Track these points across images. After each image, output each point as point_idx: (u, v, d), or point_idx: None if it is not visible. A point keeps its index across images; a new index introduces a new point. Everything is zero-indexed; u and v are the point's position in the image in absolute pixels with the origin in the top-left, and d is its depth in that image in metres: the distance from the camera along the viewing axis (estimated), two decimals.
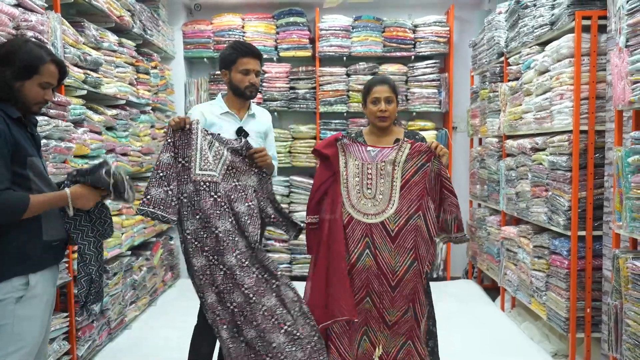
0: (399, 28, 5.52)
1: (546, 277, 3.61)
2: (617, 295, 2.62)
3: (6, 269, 1.95)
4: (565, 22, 3.34)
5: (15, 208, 1.89)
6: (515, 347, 3.79)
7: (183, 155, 2.42)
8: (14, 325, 1.95)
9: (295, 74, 5.59)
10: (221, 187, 2.44)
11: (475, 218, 5.36)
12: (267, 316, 2.44)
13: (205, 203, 2.40)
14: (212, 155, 2.46)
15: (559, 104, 3.42)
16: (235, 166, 2.51)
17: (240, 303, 2.43)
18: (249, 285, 2.44)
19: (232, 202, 2.47)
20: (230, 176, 2.51)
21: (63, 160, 3.03)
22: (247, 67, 2.68)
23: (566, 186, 3.35)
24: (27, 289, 1.98)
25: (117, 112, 3.99)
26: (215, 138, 2.49)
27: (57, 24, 2.99)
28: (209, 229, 2.40)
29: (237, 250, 2.43)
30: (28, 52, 1.99)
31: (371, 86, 2.71)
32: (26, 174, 1.97)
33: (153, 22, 4.89)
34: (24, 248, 1.98)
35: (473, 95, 5.50)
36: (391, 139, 2.72)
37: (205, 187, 2.41)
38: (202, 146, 2.43)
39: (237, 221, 2.46)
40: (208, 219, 2.40)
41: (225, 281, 2.43)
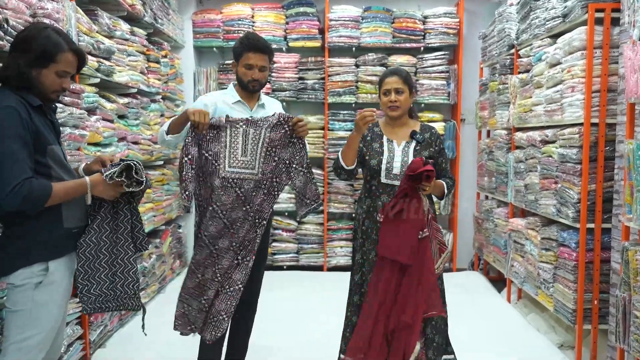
0: (409, 19, 5.51)
1: (554, 269, 3.63)
2: (625, 287, 2.64)
3: (27, 255, 1.97)
4: (578, 15, 3.33)
5: (39, 196, 1.91)
6: (521, 338, 3.82)
7: (207, 149, 2.49)
8: (32, 311, 1.97)
9: (304, 64, 5.60)
10: (245, 183, 2.51)
11: (482, 210, 5.37)
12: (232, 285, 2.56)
13: (227, 198, 2.50)
14: (250, 145, 2.51)
15: (570, 97, 3.42)
16: (275, 144, 2.54)
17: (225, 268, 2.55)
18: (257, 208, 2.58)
19: (270, 182, 2.54)
20: (271, 155, 2.55)
21: (77, 148, 3.06)
22: (250, 62, 2.70)
23: (576, 179, 3.36)
24: (46, 275, 2.00)
25: (129, 100, 4.01)
26: (249, 125, 2.52)
27: (72, 12, 3.01)
28: (219, 219, 2.51)
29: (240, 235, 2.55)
30: (45, 40, 1.97)
31: (383, 78, 2.77)
32: (47, 162, 1.99)
33: (163, 11, 4.90)
34: (45, 235, 2.00)
35: (482, 87, 5.49)
36: (407, 131, 2.75)
37: (232, 183, 2.51)
38: (231, 143, 2.50)
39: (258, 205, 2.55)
40: (223, 211, 2.51)
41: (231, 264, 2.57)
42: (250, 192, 2.53)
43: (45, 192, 1.92)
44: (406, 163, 2.66)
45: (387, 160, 2.69)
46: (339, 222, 5.70)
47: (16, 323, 1.97)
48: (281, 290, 4.79)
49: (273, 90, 5.57)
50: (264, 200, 2.56)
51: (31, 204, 1.91)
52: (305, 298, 4.74)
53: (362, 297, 2.73)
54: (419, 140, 2.70)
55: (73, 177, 2.11)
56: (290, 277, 5.40)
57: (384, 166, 2.69)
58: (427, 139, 2.73)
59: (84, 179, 2.07)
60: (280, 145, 2.54)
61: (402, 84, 2.72)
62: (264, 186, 2.55)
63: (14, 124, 1.87)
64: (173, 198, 5.10)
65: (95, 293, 2.21)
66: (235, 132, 2.50)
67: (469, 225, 5.79)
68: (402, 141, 2.73)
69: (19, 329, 1.97)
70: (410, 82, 2.76)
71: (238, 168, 2.51)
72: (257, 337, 3.03)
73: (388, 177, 2.69)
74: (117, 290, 2.23)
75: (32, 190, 1.88)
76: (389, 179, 2.69)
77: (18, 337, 1.97)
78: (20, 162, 1.87)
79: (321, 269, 5.65)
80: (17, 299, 1.97)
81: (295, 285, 5.09)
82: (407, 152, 2.70)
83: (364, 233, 2.76)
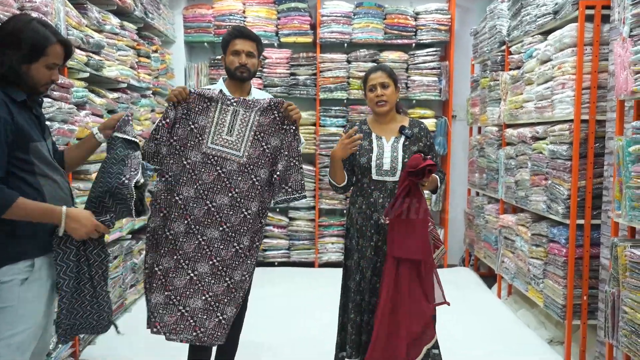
0: (400, 15, 5.51)
1: (544, 264, 3.65)
2: (614, 282, 2.66)
3: (13, 251, 1.95)
4: (569, 12, 3.34)
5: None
6: (511, 334, 3.85)
7: (194, 120, 2.40)
8: (18, 307, 1.95)
9: (296, 60, 5.58)
10: (228, 164, 2.41)
11: (473, 206, 5.39)
12: (231, 288, 2.44)
13: (208, 176, 2.41)
14: (238, 125, 2.43)
15: (561, 93, 3.43)
16: (264, 129, 2.45)
17: (202, 273, 2.42)
18: (223, 258, 2.43)
19: (258, 169, 2.44)
20: (259, 140, 2.45)
21: (66, 143, 3.03)
22: (236, 47, 2.65)
23: (566, 175, 3.37)
24: (32, 271, 1.98)
25: (119, 95, 3.98)
26: (240, 104, 2.44)
27: (61, 5, 2.98)
28: (202, 200, 2.40)
29: (227, 224, 2.42)
30: (34, 33, 1.93)
31: (367, 75, 2.77)
32: (29, 159, 1.94)
33: (154, 5, 4.86)
34: (31, 231, 1.97)
35: (473, 83, 5.50)
36: (395, 127, 2.74)
37: (214, 160, 2.42)
38: (218, 120, 2.42)
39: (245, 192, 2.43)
40: (206, 192, 2.41)
41: (196, 250, 2.42)
42: (234, 175, 2.43)
43: (3, 202, 1.84)
44: (396, 158, 2.65)
45: (377, 156, 2.68)
46: (330, 219, 5.70)
47: (3, 320, 1.95)
48: (272, 287, 4.78)
49: (264, 86, 5.55)
50: (252, 196, 2.44)
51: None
52: (297, 294, 4.74)
53: (363, 296, 2.69)
54: (408, 135, 2.69)
55: (59, 174, 2.08)
56: (282, 273, 5.39)
57: (374, 163, 2.67)
58: (416, 134, 2.72)
59: (60, 208, 1.97)
60: (269, 131, 2.46)
61: (387, 77, 2.72)
62: (249, 171, 2.43)
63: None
64: None
65: (70, 323, 2.14)
66: (225, 109, 2.42)
67: (459, 222, 5.81)
68: (391, 137, 2.72)
69: (7, 326, 1.95)
70: (395, 77, 2.76)
71: (221, 146, 2.41)
72: (247, 334, 3.02)
73: (379, 174, 2.68)
74: (91, 321, 2.18)
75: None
76: (380, 175, 2.67)
77: (6, 334, 1.94)
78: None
79: (312, 265, 5.65)
80: (2, 295, 1.95)
81: (286, 282, 5.09)
82: (396, 148, 2.69)
83: (359, 231, 2.73)
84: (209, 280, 2.43)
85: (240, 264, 2.45)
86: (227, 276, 2.44)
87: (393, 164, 2.65)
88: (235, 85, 2.74)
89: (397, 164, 2.65)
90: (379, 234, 2.67)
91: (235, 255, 2.44)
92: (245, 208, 2.44)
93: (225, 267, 2.43)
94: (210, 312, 2.43)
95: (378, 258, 2.68)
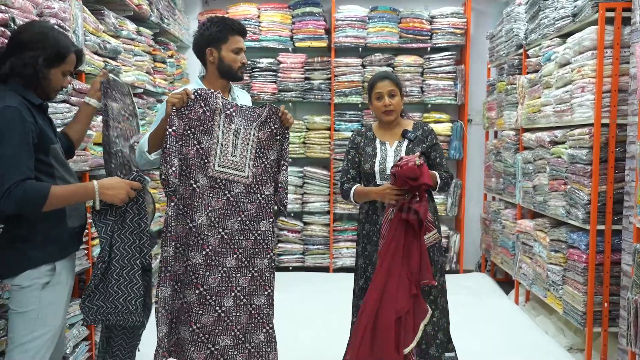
0: (416, 19, 5.48)
1: (563, 270, 3.60)
2: (636, 289, 2.61)
3: (34, 256, 1.96)
4: (589, 14, 3.30)
5: (35, 198, 1.85)
6: (530, 341, 3.79)
7: (199, 140, 2.24)
8: (39, 311, 1.97)
9: (311, 64, 5.58)
10: (235, 186, 2.29)
11: (489, 211, 5.34)
12: (253, 314, 2.37)
13: (217, 202, 2.28)
14: (240, 145, 2.30)
15: (580, 97, 3.39)
16: (263, 145, 2.34)
17: (228, 308, 2.32)
18: (243, 286, 2.34)
19: (262, 186, 2.34)
20: (259, 157, 2.34)
21: (83, 148, 3.05)
22: (240, 45, 2.47)
23: (586, 180, 3.32)
24: (54, 275, 1.99)
25: (135, 100, 3.99)
26: (239, 118, 2.28)
27: (79, 11, 3.00)
28: (215, 228, 2.28)
29: (239, 249, 2.33)
30: (57, 40, 2.00)
31: (374, 83, 2.76)
32: (50, 162, 1.97)
33: (170, 10, 4.89)
34: (50, 235, 1.99)
35: (489, 87, 5.46)
36: (399, 131, 2.77)
37: (222, 184, 2.29)
38: (223, 140, 2.28)
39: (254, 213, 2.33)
40: (217, 219, 2.28)
41: (221, 284, 2.30)
42: (241, 198, 2.31)
43: (41, 194, 1.86)
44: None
45: (380, 161, 2.71)
46: (344, 223, 5.67)
47: (22, 324, 1.96)
48: (287, 291, 4.76)
49: (279, 91, 5.56)
50: (261, 216, 2.34)
51: (27, 207, 1.85)
52: (311, 299, 4.72)
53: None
54: (411, 138, 2.71)
55: (74, 178, 2.10)
56: (296, 278, 5.37)
57: (377, 168, 2.71)
58: (418, 136, 2.73)
59: (91, 183, 2.02)
60: (267, 146, 2.34)
61: (395, 86, 2.73)
62: (255, 191, 2.33)
63: (15, 124, 1.84)
64: None
65: (97, 304, 2.17)
66: (228, 128, 2.28)
67: (476, 227, 5.75)
68: (395, 141, 2.75)
69: (25, 330, 1.96)
70: (400, 84, 2.77)
71: (227, 168, 2.29)
72: None
73: (383, 178, 2.70)
74: (118, 304, 2.18)
75: (27, 192, 1.82)
76: (384, 180, 2.69)
77: (24, 339, 1.95)
78: (18, 163, 1.83)
79: (327, 270, 5.63)
80: (23, 300, 1.96)
81: (301, 286, 5.07)
82: (399, 151, 2.71)
83: (365, 237, 2.77)
84: (235, 313, 2.33)
85: (259, 288, 2.37)
86: (249, 304, 2.36)
87: None
88: (219, 83, 2.53)
89: None
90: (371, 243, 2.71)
91: (252, 279, 2.36)
92: (255, 230, 2.35)
93: (246, 295, 2.34)
94: (240, 346, 2.35)
95: None
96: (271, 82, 5.55)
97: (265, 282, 2.38)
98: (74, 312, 2.92)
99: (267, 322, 2.40)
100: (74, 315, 2.92)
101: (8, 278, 1.97)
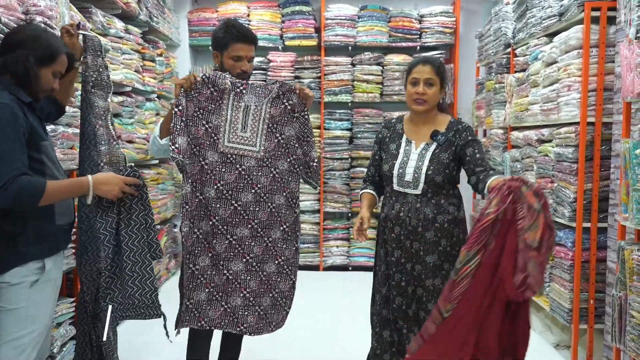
0: (405, 18, 5.51)
1: (550, 268, 3.62)
2: (621, 286, 2.64)
3: (24, 252, 1.96)
4: (574, 13, 3.32)
5: (31, 193, 1.88)
6: None
7: (208, 119, 2.39)
8: (28, 309, 1.96)
9: (300, 63, 5.58)
10: (246, 160, 2.43)
11: (478, 209, 5.36)
12: (263, 281, 2.51)
13: (230, 176, 2.42)
14: (250, 120, 2.42)
15: (567, 96, 3.41)
16: (276, 120, 2.45)
17: (237, 271, 2.48)
18: (256, 254, 2.49)
19: (276, 161, 2.45)
20: (272, 132, 2.45)
21: (70, 146, 3.03)
22: (239, 53, 2.52)
23: (572, 178, 3.35)
24: (43, 273, 1.99)
25: (123, 99, 3.99)
26: (249, 94, 2.40)
27: (65, 9, 2.99)
28: (227, 200, 2.42)
29: (254, 220, 2.46)
30: (49, 40, 2.02)
31: (412, 66, 2.47)
32: (41, 159, 1.98)
33: (159, 9, 4.87)
34: (39, 232, 1.99)
35: (478, 86, 5.48)
36: (430, 129, 2.45)
37: (232, 159, 2.43)
38: (232, 117, 2.41)
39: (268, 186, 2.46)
40: (230, 192, 2.42)
41: (228, 249, 2.46)
42: (254, 171, 2.44)
43: (37, 189, 1.89)
44: (419, 169, 2.39)
45: (400, 165, 2.44)
46: (335, 222, 5.68)
47: (11, 322, 1.95)
48: None
49: None
50: (275, 189, 2.46)
51: (23, 201, 1.88)
52: (301, 298, 4.70)
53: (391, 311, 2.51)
54: (440, 142, 2.40)
55: (64, 176, 2.10)
56: None
57: (396, 172, 2.44)
58: (450, 138, 2.42)
59: (86, 178, 2.05)
60: (281, 121, 2.45)
61: (434, 74, 2.40)
62: (268, 165, 2.45)
63: (7, 120, 1.86)
64: (168, 197, 5.07)
65: (117, 301, 2.27)
66: (237, 105, 2.41)
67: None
68: (422, 142, 2.45)
69: (14, 328, 1.95)
70: (443, 75, 2.44)
71: (237, 144, 2.42)
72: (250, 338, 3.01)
73: (400, 185, 2.44)
74: (135, 300, 2.29)
75: (23, 187, 1.85)
76: (401, 187, 2.44)
77: (13, 335, 1.95)
78: (13, 159, 1.85)
79: (317, 269, 5.63)
80: (12, 297, 1.95)
81: None
82: (423, 156, 2.42)
83: (394, 240, 2.49)
84: (245, 277, 2.49)
85: (272, 257, 2.51)
86: (260, 271, 2.50)
87: (416, 174, 2.41)
88: None
89: (420, 175, 2.40)
90: (401, 249, 2.47)
91: (266, 249, 2.50)
92: (270, 202, 2.47)
93: (258, 262, 2.50)
94: (250, 307, 2.51)
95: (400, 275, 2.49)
96: (261, 80, 5.56)
97: (276, 252, 2.52)
98: (61, 311, 2.91)
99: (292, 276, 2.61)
100: (61, 314, 2.91)
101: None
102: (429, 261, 2.44)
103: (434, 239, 2.44)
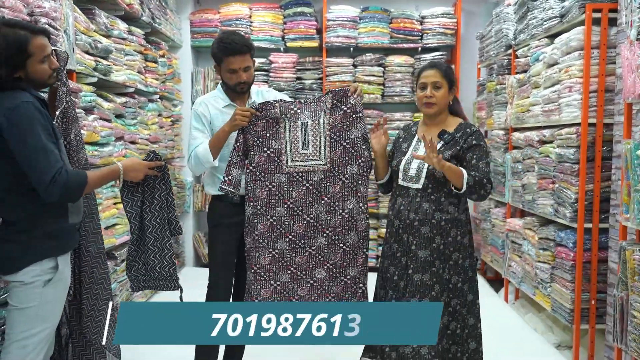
0: (406, 19, 5.52)
1: (551, 269, 3.64)
2: (623, 287, 2.65)
3: (37, 251, 1.96)
4: (576, 15, 3.34)
5: (77, 184, 1.94)
6: (519, 338, 3.83)
7: (269, 145, 2.51)
8: (39, 308, 1.97)
9: (302, 64, 5.60)
10: (313, 175, 2.52)
11: (479, 210, 5.38)
12: (347, 251, 2.58)
13: (298, 193, 2.52)
14: (311, 137, 2.50)
15: (568, 97, 3.43)
16: (337, 128, 2.52)
17: (320, 278, 2.59)
18: (334, 260, 2.59)
19: (344, 167, 2.53)
20: (337, 141, 2.52)
21: None
22: (232, 66, 2.56)
23: (573, 178, 3.36)
24: (56, 272, 2.00)
25: (126, 100, 4.00)
26: (305, 112, 2.50)
27: (70, 10, 3.01)
28: (299, 216, 2.53)
29: (328, 229, 2.56)
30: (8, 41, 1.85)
31: (421, 71, 2.57)
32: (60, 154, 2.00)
33: (161, 10, 4.89)
34: (53, 230, 2.00)
35: (479, 87, 5.50)
36: (439, 130, 2.51)
37: (299, 177, 2.53)
38: (291, 138, 2.51)
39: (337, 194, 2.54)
40: (300, 208, 2.53)
41: (309, 260, 2.57)
42: (322, 183, 2.53)
43: (81, 179, 1.96)
44: (423, 164, 2.45)
45: (407, 161, 2.51)
46: None
47: (21, 321, 1.95)
48: None
49: None
50: (346, 195, 2.53)
51: (71, 193, 1.93)
52: None
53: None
54: (446, 140, 2.46)
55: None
56: None
57: (402, 167, 2.51)
58: (456, 139, 2.47)
59: (117, 165, 2.15)
60: (343, 127, 2.52)
61: (441, 77, 2.49)
62: (336, 174, 2.53)
63: (38, 116, 1.89)
64: None
65: (141, 272, 2.45)
66: (294, 126, 2.50)
67: None
68: None
69: (24, 327, 1.95)
70: (451, 77, 2.53)
71: (301, 161, 2.52)
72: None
73: (404, 179, 2.51)
74: (155, 272, 2.44)
75: (69, 179, 1.90)
76: (405, 181, 2.50)
77: (23, 335, 1.95)
78: (52, 153, 1.89)
79: None
80: (24, 296, 1.95)
81: None
82: None
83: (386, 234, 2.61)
84: (328, 283, 2.60)
85: (352, 261, 2.59)
86: (342, 275, 2.60)
87: (419, 169, 2.47)
88: (235, 94, 2.68)
89: (422, 171, 2.46)
90: (398, 242, 2.52)
91: (344, 254, 2.58)
92: (341, 209, 2.55)
93: (338, 267, 2.59)
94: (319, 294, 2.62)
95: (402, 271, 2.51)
96: (263, 82, 5.57)
97: (358, 253, 2.60)
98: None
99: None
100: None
101: (10, 274, 1.96)
102: (421, 256, 2.47)
103: (428, 235, 2.47)
